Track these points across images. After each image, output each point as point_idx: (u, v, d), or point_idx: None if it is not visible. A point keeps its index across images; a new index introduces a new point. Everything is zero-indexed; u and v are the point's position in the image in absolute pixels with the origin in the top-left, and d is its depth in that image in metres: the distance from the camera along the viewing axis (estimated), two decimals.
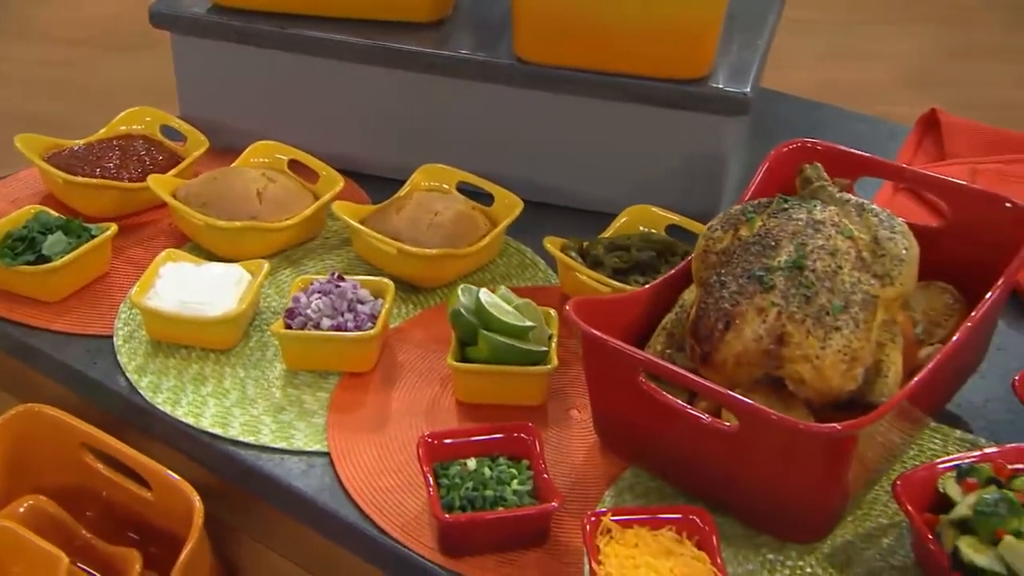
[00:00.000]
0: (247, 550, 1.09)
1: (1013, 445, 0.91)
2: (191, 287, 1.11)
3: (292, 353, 1.08)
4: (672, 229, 1.21)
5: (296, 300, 1.09)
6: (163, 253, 1.16)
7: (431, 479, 0.92)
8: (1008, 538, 0.82)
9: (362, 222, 1.20)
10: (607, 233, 1.21)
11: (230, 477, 1.03)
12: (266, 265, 1.15)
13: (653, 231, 1.21)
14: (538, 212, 1.26)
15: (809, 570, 0.90)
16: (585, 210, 1.28)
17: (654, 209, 1.22)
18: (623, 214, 1.22)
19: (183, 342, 1.11)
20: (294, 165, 1.31)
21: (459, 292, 1.05)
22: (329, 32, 1.30)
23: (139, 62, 1.32)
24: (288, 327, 1.07)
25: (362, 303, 1.10)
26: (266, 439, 1.02)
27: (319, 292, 1.09)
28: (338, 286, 1.10)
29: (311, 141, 1.31)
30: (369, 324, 1.08)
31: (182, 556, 0.95)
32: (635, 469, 0.99)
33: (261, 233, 1.20)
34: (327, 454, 1.00)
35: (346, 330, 1.07)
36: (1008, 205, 1.00)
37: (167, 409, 1.04)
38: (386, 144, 1.35)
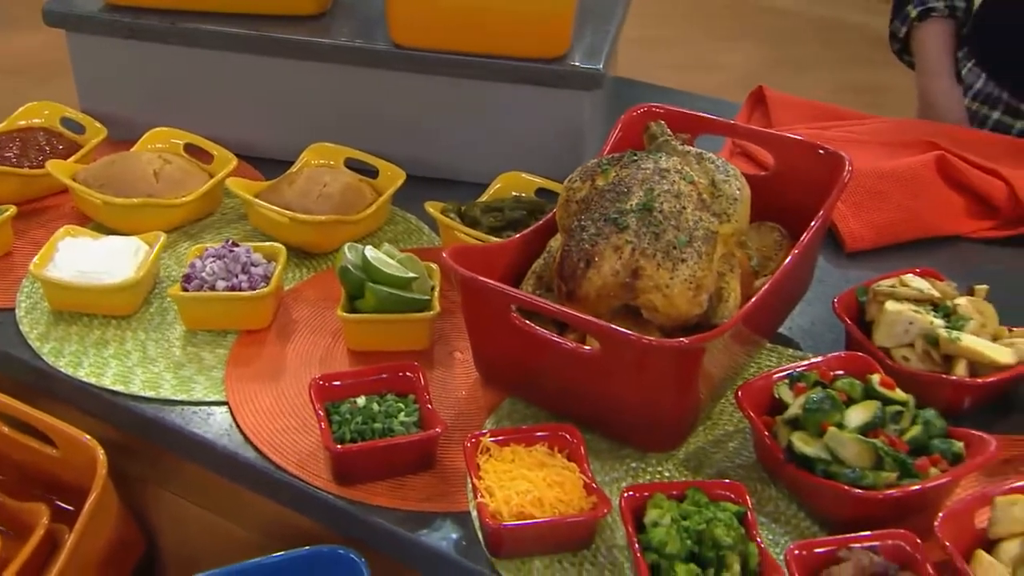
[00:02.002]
0: (156, 499, 1.05)
1: (834, 354, 0.94)
2: (89, 258, 1.05)
3: (190, 314, 1.04)
4: (541, 192, 1.21)
5: (192, 266, 1.05)
6: (62, 229, 1.10)
7: (323, 416, 0.89)
8: (831, 429, 0.84)
9: (256, 196, 1.16)
10: (483, 198, 1.20)
11: (134, 430, 0.98)
12: (163, 236, 1.10)
13: (523, 194, 1.21)
14: (421, 185, 1.24)
15: (667, 474, 0.91)
16: (463, 181, 1.27)
17: (524, 175, 1.22)
18: (496, 181, 1.22)
19: (84, 310, 1.05)
20: (189, 150, 1.27)
21: (345, 250, 1.03)
22: (218, 25, 1.26)
23: (63, 88, 1.30)
24: (185, 291, 1.03)
25: (255, 266, 1.06)
26: (167, 393, 0.97)
27: (214, 257, 1.05)
28: (232, 251, 1.06)
29: (206, 129, 1.27)
30: (263, 284, 1.04)
31: (87, 505, 0.91)
32: (512, 399, 0.98)
33: (159, 209, 1.16)
34: (226, 403, 0.97)
35: (240, 290, 1.03)
36: (821, 152, 1.03)
37: (69, 371, 0.99)
38: (276, 128, 1.31)
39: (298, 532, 0.92)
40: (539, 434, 0.89)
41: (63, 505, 1.00)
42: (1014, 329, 0.98)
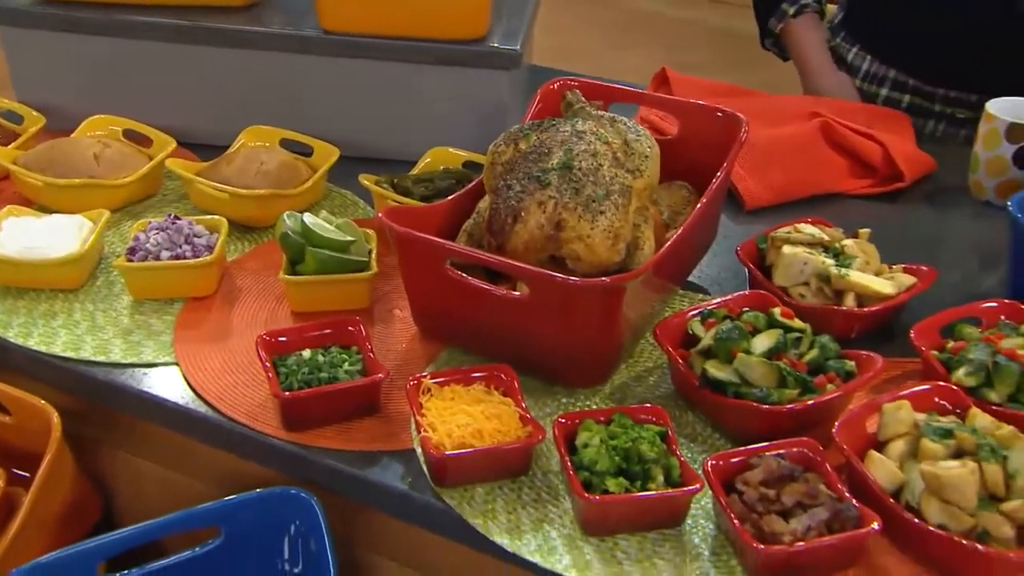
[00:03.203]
0: (112, 459, 1.02)
1: (739, 293, 0.98)
2: (34, 235, 1.02)
3: (136, 284, 1.02)
4: (468, 164, 1.22)
5: (136, 239, 1.03)
6: (4, 209, 1.06)
7: (270, 367, 0.89)
8: (740, 355, 0.88)
9: (195, 175, 1.14)
10: (414, 171, 1.21)
11: (86, 394, 0.95)
12: (106, 212, 1.07)
13: (452, 167, 1.21)
14: (355, 164, 1.23)
15: (595, 406, 0.93)
16: (395, 159, 1.27)
17: (451, 150, 1.23)
18: (426, 155, 1.22)
19: (31, 285, 1.02)
20: (127, 136, 1.24)
21: (285, 217, 1.02)
22: (151, 16, 1.23)
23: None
24: (130, 262, 1.01)
25: (198, 237, 1.05)
26: (116, 357, 0.95)
27: (157, 229, 1.03)
28: (175, 223, 1.04)
29: (143, 118, 1.25)
30: (206, 253, 1.03)
31: (42, 467, 0.88)
32: (450, 349, 0.99)
33: (100, 190, 1.13)
34: (176, 364, 0.95)
35: (185, 259, 1.01)
36: (720, 114, 1.07)
37: (19, 341, 0.96)
38: (213, 116, 1.29)
39: (253, 480, 0.91)
40: (476, 374, 0.90)
41: (19, 472, 0.96)
42: (893, 267, 1.03)
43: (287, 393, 0.86)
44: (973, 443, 0.76)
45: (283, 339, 0.92)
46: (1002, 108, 1.18)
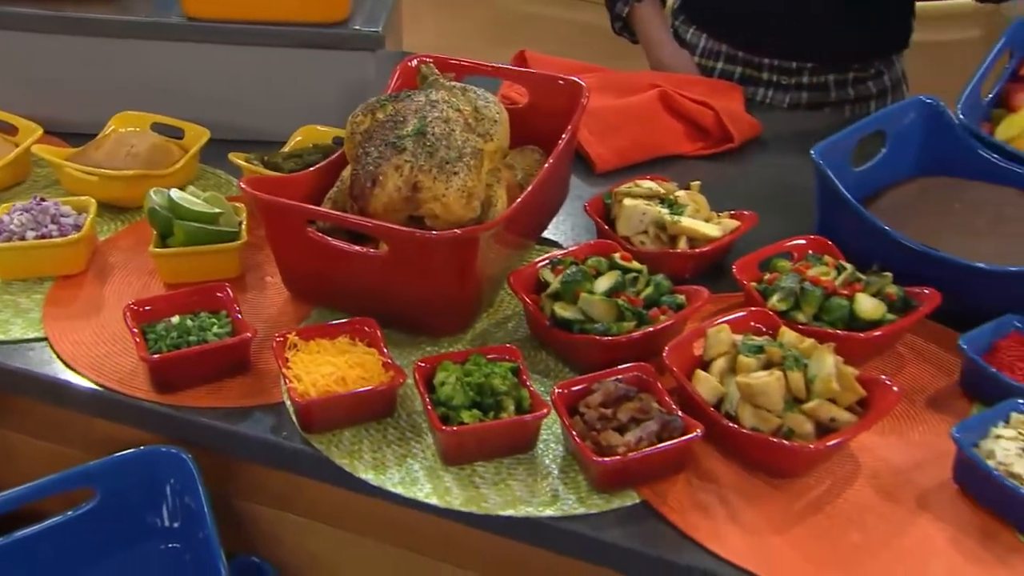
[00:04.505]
0: None
1: (585, 243, 1.00)
2: None
3: (2, 265, 0.96)
4: (338, 140, 1.20)
5: (0, 221, 0.97)
6: None
7: (138, 333, 0.86)
8: (583, 295, 0.90)
9: (65, 161, 1.09)
10: (284, 149, 1.18)
11: None
12: None
13: (321, 143, 1.20)
14: (228, 146, 1.20)
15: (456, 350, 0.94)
16: (267, 141, 1.25)
17: (320, 128, 1.21)
18: (296, 133, 1.20)
19: None
20: None
21: (151, 193, 0.99)
22: (16, 6, 1.17)
23: None
24: None
25: (65, 216, 1.00)
26: None
27: (21, 210, 0.98)
28: (40, 204, 1.00)
29: (10, 108, 1.18)
30: (74, 232, 0.98)
31: None
32: (320, 309, 0.98)
33: None
34: (46, 339, 0.91)
35: (52, 238, 0.97)
36: (561, 82, 1.09)
37: None
38: (82, 103, 1.23)
39: (131, 445, 0.88)
40: (341, 328, 0.89)
41: None
42: (721, 214, 1.08)
43: (155, 356, 0.84)
44: (780, 355, 0.81)
45: (149, 308, 0.90)
46: None
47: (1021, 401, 0.78)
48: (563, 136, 1.05)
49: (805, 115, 1.42)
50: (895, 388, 0.79)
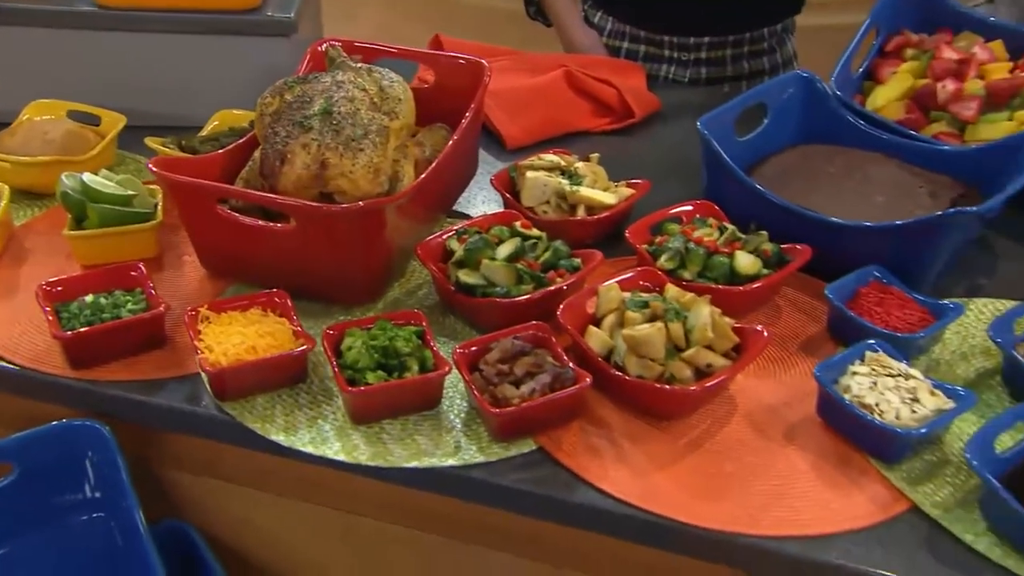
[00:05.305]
0: None
1: (492, 213, 1.03)
2: None
3: None
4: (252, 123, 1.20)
5: None
6: None
7: (51, 311, 0.85)
8: (485, 261, 0.93)
9: None
10: (202, 134, 1.18)
11: None
12: None
13: (238, 126, 1.19)
14: (146, 132, 1.19)
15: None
16: (188, 125, 1.23)
17: (236, 111, 1.20)
18: (214, 118, 1.20)
19: None
20: None
21: (63, 178, 0.98)
22: None
23: None
24: None
25: None
26: None
27: None
28: None
29: None
30: None
31: None
32: (236, 285, 0.98)
33: None
34: None
35: None
36: (462, 61, 1.11)
37: None
38: None
39: (51, 421, 0.87)
40: (253, 300, 0.90)
41: None
42: (618, 183, 1.11)
43: (68, 333, 0.84)
44: (662, 309, 0.84)
45: (61, 288, 0.89)
46: None
47: (873, 341, 0.83)
48: (467, 114, 1.07)
49: (704, 91, 1.46)
50: (765, 334, 0.84)
